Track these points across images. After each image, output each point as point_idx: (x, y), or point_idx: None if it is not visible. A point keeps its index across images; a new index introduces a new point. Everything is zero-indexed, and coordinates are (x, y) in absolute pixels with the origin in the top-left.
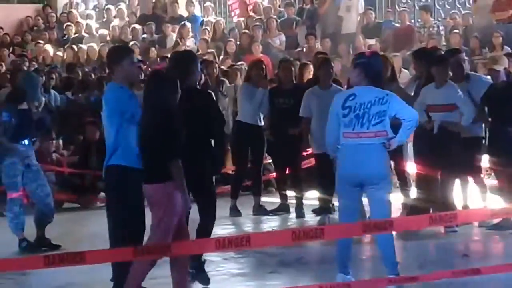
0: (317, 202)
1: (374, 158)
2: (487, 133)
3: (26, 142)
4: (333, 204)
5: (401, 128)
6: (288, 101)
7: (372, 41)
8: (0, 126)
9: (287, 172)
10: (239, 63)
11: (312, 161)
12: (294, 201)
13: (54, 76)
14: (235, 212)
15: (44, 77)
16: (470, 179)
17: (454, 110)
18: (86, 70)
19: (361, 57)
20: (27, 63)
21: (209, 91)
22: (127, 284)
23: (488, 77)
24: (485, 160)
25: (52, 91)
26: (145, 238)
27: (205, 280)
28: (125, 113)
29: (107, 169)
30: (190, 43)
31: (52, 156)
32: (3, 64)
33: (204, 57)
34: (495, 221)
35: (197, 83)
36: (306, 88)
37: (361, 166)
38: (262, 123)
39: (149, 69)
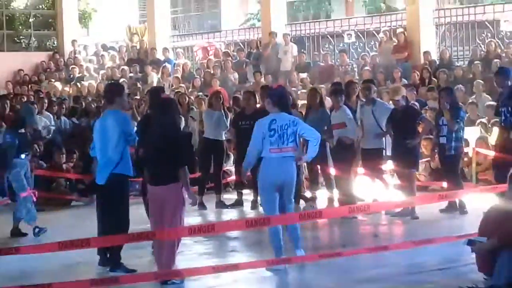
0: None
1: (291, 168)
2: (391, 144)
3: (23, 156)
4: None
5: (309, 147)
6: (249, 123)
7: (304, 75)
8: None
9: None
10: (202, 94)
11: None
12: (249, 198)
13: (64, 106)
14: (201, 206)
15: (56, 107)
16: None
17: (344, 127)
18: (88, 101)
19: (270, 90)
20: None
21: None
22: (167, 264)
23: (391, 102)
24: (389, 164)
25: (63, 118)
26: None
27: None
28: (127, 134)
29: (112, 176)
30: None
31: (62, 166)
32: (25, 97)
33: (177, 90)
34: (397, 210)
35: None
36: (263, 112)
37: (283, 173)
38: (223, 138)
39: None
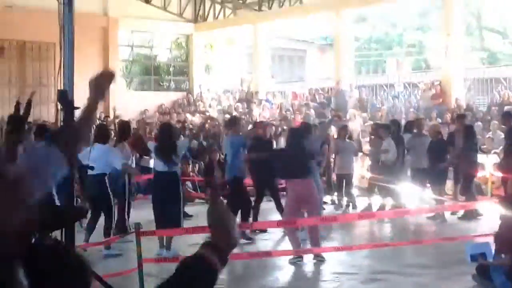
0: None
1: None
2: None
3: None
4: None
5: None
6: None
7: (364, 114)
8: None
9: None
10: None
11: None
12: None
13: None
14: None
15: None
16: None
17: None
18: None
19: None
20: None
21: None
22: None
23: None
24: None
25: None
26: None
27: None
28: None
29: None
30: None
31: (189, 173)
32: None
33: (272, 122)
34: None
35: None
36: None
37: None
38: None
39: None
